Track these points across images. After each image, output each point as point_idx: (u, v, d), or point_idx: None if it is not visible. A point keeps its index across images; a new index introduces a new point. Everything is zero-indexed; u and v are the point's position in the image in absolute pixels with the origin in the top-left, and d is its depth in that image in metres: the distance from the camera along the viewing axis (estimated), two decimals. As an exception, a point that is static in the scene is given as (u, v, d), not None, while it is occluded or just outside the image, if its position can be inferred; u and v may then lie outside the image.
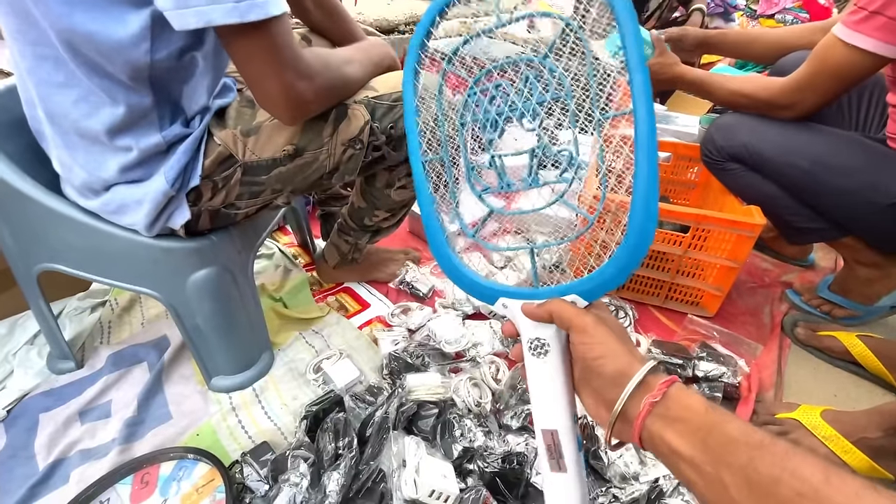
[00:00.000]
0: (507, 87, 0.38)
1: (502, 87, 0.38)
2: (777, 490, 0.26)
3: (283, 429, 0.74)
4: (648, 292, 1.03)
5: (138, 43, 0.49)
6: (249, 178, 0.64)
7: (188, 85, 0.58)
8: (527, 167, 0.39)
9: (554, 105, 0.37)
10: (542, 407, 0.40)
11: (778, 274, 1.17)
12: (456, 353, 0.85)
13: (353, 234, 0.93)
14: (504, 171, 0.40)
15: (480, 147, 0.40)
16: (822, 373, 0.90)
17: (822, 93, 0.81)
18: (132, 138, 0.56)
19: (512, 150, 0.39)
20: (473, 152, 0.41)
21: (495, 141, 0.39)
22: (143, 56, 0.50)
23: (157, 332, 0.90)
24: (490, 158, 0.40)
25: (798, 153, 0.86)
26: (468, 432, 0.68)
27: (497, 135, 0.39)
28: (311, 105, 0.58)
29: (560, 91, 0.36)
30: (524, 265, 1.00)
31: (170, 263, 0.68)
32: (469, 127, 0.40)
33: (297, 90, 0.54)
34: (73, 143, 0.58)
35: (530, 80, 0.37)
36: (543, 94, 0.37)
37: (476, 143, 0.40)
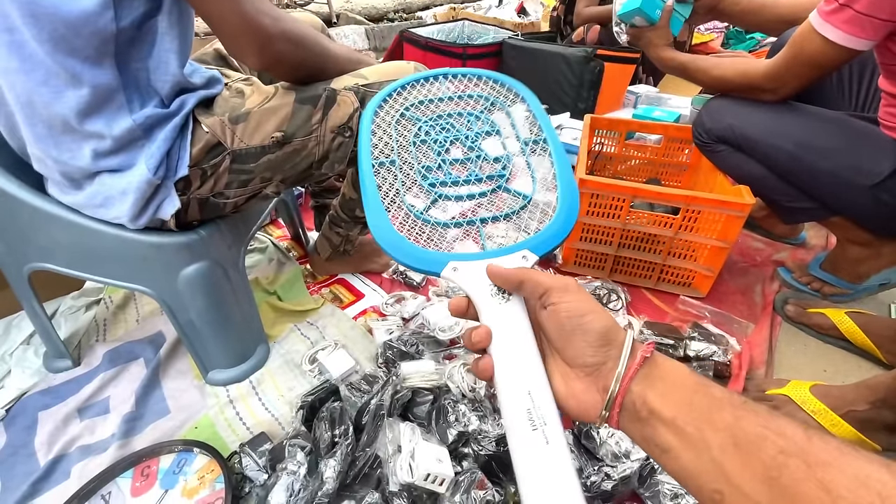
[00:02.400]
0: (454, 122, 0.50)
1: (451, 121, 0.50)
2: (762, 447, 0.26)
3: (281, 419, 0.75)
4: (640, 275, 1.04)
5: (103, 11, 0.49)
6: (238, 165, 0.64)
7: (152, 59, 0.57)
8: (468, 166, 0.47)
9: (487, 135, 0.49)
10: (511, 362, 0.35)
11: (769, 253, 1.18)
12: (450, 341, 0.86)
13: (345, 226, 0.93)
14: (450, 169, 0.47)
15: (430, 157, 0.48)
16: (811, 349, 0.92)
17: (801, 78, 0.82)
18: (102, 123, 0.55)
19: (457, 157, 0.48)
20: (425, 159, 0.47)
21: (443, 153, 0.48)
22: (109, 24, 0.50)
23: (153, 328, 0.91)
24: (439, 161, 0.47)
25: (783, 135, 0.87)
26: (462, 417, 0.69)
27: (444, 149, 0.48)
28: (276, 42, 0.58)
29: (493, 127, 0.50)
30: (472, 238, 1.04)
31: (160, 259, 0.68)
32: (422, 144, 0.48)
33: (258, 22, 0.54)
34: (42, 135, 0.57)
35: (471, 119, 0.50)
36: (480, 128, 0.50)
37: (426, 155, 0.48)
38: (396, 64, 0.72)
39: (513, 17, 2.43)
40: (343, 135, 0.67)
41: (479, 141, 0.48)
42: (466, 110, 0.50)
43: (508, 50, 1.76)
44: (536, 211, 0.43)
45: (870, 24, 0.69)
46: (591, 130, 1.19)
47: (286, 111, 0.63)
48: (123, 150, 0.58)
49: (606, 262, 1.04)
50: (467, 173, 0.46)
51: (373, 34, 2.65)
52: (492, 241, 0.42)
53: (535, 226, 0.42)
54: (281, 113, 0.63)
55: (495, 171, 0.46)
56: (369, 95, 0.67)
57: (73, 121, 0.55)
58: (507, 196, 0.45)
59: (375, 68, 0.71)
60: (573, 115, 1.64)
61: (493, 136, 0.48)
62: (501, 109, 0.51)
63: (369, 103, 0.49)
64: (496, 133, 0.49)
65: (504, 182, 0.45)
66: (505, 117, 0.50)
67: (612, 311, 0.93)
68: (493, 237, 0.43)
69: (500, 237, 0.43)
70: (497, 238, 0.43)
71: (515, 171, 0.46)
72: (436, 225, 0.43)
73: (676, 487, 0.60)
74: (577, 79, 1.64)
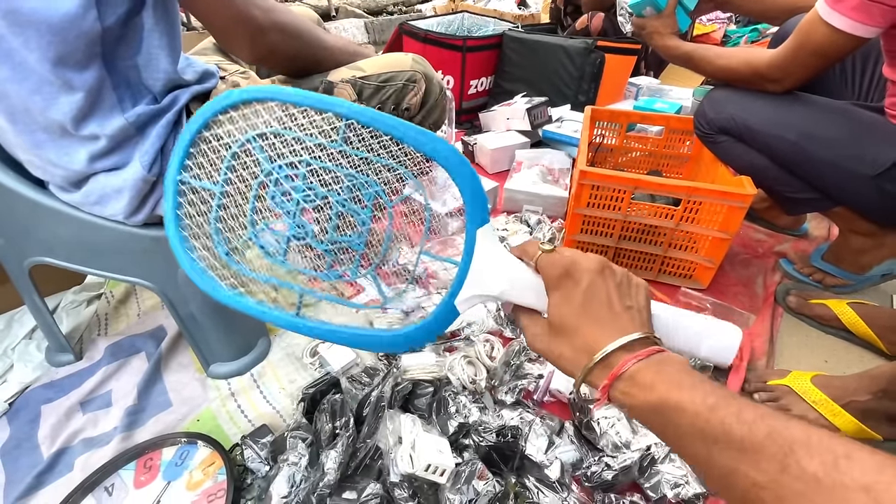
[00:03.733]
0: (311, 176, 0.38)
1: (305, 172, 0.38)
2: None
3: (282, 411, 0.75)
4: (641, 266, 1.04)
5: (85, 12, 0.48)
6: None
7: (141, 55, 0.56)
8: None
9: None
10: None
11: (771, 244, 1.17)
12: (450, 333, 0.86)
13: None
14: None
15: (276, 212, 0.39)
16: (813, 340, 0.92)
17: (807, 68, 0.81)
18: (96, 124, 0.55)
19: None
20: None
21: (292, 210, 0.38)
22: (94, 24, 0.49)
23: (154, 322, 0.91)
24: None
25: (784, 125, 0.86)
26: (463, 409, 0.69)
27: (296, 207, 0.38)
28: (268, 34, 0.57)
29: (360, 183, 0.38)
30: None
31: (160, 252, 0.68)
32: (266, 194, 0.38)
33: (249, 14, 0.54)
34: (39, 142, 0.56)
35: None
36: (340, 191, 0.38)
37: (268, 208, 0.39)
38: (394, 55, 0.72)
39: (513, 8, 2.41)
40: None
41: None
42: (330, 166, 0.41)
43: (508, 42, 1.75)
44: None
45: (878, 11, 0.68)
46: (591, 122, 1.18)
47: None
48: (118, 149, 0.58)
49: (607, 254, 1.04)
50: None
51: (372, 27, 2.64)
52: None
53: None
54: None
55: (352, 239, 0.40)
56: (367, 88, 0.66)
57: (70, 125, 0.54)
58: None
59: (373, 60, 0.71)
60: (574, 107, 1.63)
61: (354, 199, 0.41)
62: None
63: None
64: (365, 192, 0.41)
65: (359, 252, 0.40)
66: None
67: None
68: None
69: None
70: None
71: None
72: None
73: (677, 477, 0.60)
74: (577, 70, 1.63)
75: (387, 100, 0.68)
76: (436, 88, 0.73)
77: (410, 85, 0.69)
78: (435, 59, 1.78)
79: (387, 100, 0.68)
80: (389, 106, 0.69)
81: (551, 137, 1.50)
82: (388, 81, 0.67)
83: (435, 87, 0.73)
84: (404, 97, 0.69)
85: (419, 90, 0.70)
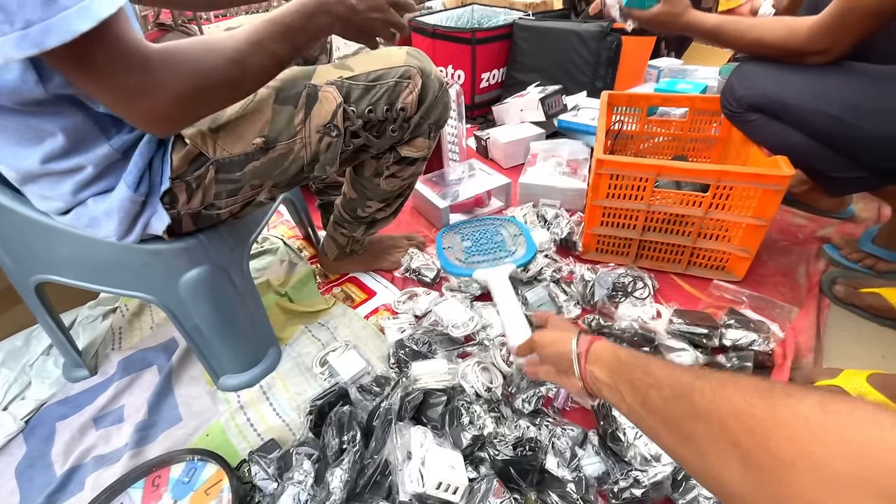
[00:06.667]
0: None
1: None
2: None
3: (291, 424, 0.72)
4: (669, 259, 0.97)
5: (26, 79, 0.44)
6: (224, 175, 0.61)
7: None
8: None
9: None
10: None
11: (813, 229, 1.08)
12: (464, 338, 0.82)
13: (348, 226, 0.89)
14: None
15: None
16: (866, 333, 0.83)
17: (857, 34, 0.72)
18: (80, 157, 0.53)
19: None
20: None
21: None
22: (36, 87, 0.45)
23: (166, 335, 0.90)
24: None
25: (824, 98, 0.77)
26: (477, 419, 0.65)
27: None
28: (176, 118, 0.48)
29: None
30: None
31: (159, 265, 0.66)
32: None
33: (145, 108, 0.44)
34: (29, 179, 0.56)
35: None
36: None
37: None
38: (386, 50, 0.68)
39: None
40: (330, 134, 0.62)
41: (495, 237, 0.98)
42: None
43: (519, 31, 1.69)
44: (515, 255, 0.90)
45: None
46: (608, 108, 1.12)
47: (266, 115, 0.60)
48: (105, 174, 0.56)
49: (631, 247, 0.97)
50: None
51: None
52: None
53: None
54: (261, 117, 0.59)
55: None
56: (355, 89, 0.62)
57: (53, 165, 0.53)
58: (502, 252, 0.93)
59: (362, 57, 0.66)
60: (590, 94, 1.56)
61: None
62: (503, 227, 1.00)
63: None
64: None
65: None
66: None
67: (638, 299, 0.87)
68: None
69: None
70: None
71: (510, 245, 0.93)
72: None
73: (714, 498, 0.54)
74: (593, 56, 1.55)
75: (378, 100, 0.63)
76: (434, 84, 0.68)
77: (404, 82, 0.64)
78: (444, 54, 1.74)
79: (378, 100, 0.63)
80: (382, 107, 0.64)
81: (567, 127, 1.43)
82: (378, 80, 0.63)
83: (433, 81, 0.68)
84: (398, 96, 0.64)
85: (414, 87, 0.65)
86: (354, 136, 0.65)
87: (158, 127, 0.49)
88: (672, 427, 0.33)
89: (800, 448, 0.23)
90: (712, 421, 0.29)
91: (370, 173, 0.76)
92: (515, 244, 0.95)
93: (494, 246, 0.96)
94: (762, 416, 0.26)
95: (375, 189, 0.78)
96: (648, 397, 0.36)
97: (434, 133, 0.73)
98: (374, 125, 0.65)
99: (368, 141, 0.67)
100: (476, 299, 0.92)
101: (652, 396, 0.36)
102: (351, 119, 0.63)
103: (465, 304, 0.88)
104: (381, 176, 0.75)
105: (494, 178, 1.21)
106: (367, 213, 0.84)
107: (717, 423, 0.28)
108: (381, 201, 0.82)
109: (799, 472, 0.23)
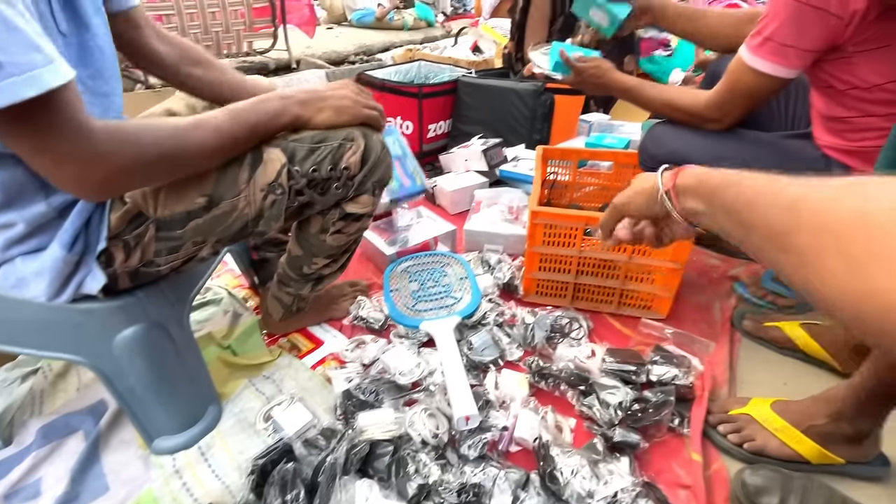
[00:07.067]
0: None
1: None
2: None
3: (232, 486, 0.70)
4: (602, 300, 1.04)
5: None
6: (165, 233, 0.61)
7: None
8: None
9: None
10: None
11: (725, 269, 1.20)
12: (411, 384, 0.83)
13: (294, 285, 0.87)
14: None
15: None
16: (771, 363, 0.93)
17: (742, 108, 0.86)
18: (14, 213, 0.53)
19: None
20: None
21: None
22: None
23: (94, 396, 0.85)
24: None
25: (722, 159, 0.88)
26: (423, 468, 0.66)
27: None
28: (111, 188, 0.50)
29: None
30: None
31: (92, 325, 0.64)
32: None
33: (75, 175, 0.46)
34: None
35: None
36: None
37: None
38: None
39: (468, 55, 2.52)
40: (274, 192, 0.64)
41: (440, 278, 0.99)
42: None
43: (463, 87, 1.81)
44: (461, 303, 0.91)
45: (794, 54, 0.73)
46: (543, 161, 1.22)
47: (210, 174, 0.61)
48: (37, 233, 0.55)
49: (567, 289, 1.04)
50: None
51: (333, 77, 2.70)
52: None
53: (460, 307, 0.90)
54: (205, 176, 0.60)
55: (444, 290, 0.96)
56: (300, 150, 0.64)
57: None
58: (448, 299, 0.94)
59: None
60: (529, 146, 1.68)
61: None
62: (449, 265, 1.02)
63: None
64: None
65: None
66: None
67: (574, 340, 0.93)
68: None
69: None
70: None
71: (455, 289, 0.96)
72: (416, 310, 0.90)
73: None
74: (529, 111, 1.69)
75: (322, 160, 0.66)
76: (376, 146, 0.71)
77: (347, 143, 0.67)
78: (393, 106, 1.83)
79: (322, 160, 0.66)
80: (326, 167, 0.66)
81: (508, 176, 1.53)
82: (322, 141, 0.66)
83: (375, 143, 0.71)
84: (342, 156, 0.67)
85: (357, 148, 0.68)
86: (299, 193, 0.67)
87: (89, 194, 0.50)
88: (773, 240, 0.34)
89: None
90: (819, 232, 0.29)
91: (316, 230, 0.77)
92: (461, 289, 0.98)
93: (442, 290, 0.97)
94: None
95: (322, 245, 0.79)
96: (744, 217, 0.38)
97: (378, 191, 0.77)
98: (318, 183, 0.68)
99: (313, 198, 0.69)
100: (423, 345, 0.94)
101: (748, 216, 0.37)
102: (295, 178, 0.65)
103: (413, 350, 0.90)
104: (328, 232, 0.77)
105: (441, 225, 1.26)
106: (314, 269, 0.84)
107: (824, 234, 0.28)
108: (327, 257, 0.82)
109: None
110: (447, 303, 0.91)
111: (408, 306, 0.89)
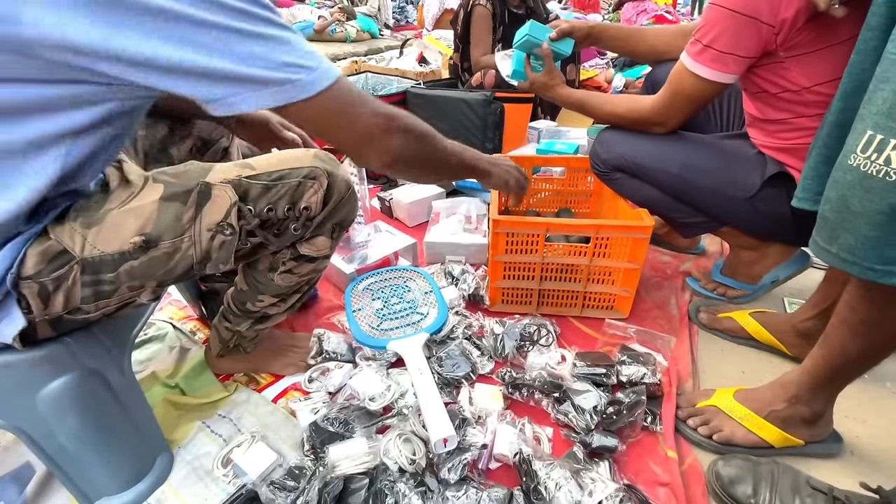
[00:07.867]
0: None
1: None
2: None
3: (190, 545, 0.63)
4: (566, 304, 1.05)
5: None
6: (91, 276, 0.53)
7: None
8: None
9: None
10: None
11: (677, 265, 1.26)
12: (383, 409, 0.79)
13: (234, 320, 0.80)
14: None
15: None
16: (728, 353, 0.97)
17: (683, 112, 0.90)
18: None
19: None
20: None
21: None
22: None
23: (16, 460, 0.74)
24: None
25: (667, 160, 0.94)
26: (403, 499, 0.62)
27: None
28: (393, 140, 0.60)
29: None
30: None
31: (9, 380, 0.56)
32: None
33: (370, 132, 0.58)
34: None
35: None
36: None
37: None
38: (292, 152, 0.66)
39: (414, 66, 2.51)
40: (223, 233, 0.58)
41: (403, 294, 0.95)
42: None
43: (413, 98, 1.80)
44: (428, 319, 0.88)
45: (732, 61, 0.78)
46: (499, 169, 1.22)
47: (149, 211, 0.54)
48: None
49: (532, 296, 1.04)
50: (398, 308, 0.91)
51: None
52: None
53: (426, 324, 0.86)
54: (143, 213, 0.54)
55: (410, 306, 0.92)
56: (255, 187, 0.60)
57: None
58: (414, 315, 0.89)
59: (267, 157, 0.65)
60: (482, 155, 1.69)
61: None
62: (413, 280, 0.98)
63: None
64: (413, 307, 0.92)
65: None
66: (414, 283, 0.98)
67: (543, 346, 0.92)
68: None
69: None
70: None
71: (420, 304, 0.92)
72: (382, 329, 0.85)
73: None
74: (480, 121, 1.70)
75: (279, 200, 0.61)
76: (341, 186, 0.67)
77: (308, 182, 0.63)
78: (342, 119, 1.78)
79: (279, 200, 0.61)
80: (283, 206, 0.62)
81: (465, 186, 1.53)
82: (280, 180, 0.61)
83: (340, 183, 0.67)
84: (301, 196, 0.63)
85: (320, 187, 0.64)
86: (251, 234, 0.62)
87: (384, 158, 0.61)
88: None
89: None
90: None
91: (264, 267, 0.72)
92: (427, 304, 0.95)
93: (407, 306, 0.93)
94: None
95: (269, 284, 0.73)
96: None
97: (337, 234, 0.73)
98: (273, 224, 0.63)
99: (266, 240, 0.64)
100: (392, 365, 0.90)
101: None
102: (247, 218, 0.60)
103: (381, 372, 0.86)
104: (276, 271, 0.71)
105: (400, 239, 1.23)
106: (259, 307, 0.77)
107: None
108: (274, 296, 0.76)
109: None
110: (414, 319, 0.87)
111: (372, 326, 0.85)
